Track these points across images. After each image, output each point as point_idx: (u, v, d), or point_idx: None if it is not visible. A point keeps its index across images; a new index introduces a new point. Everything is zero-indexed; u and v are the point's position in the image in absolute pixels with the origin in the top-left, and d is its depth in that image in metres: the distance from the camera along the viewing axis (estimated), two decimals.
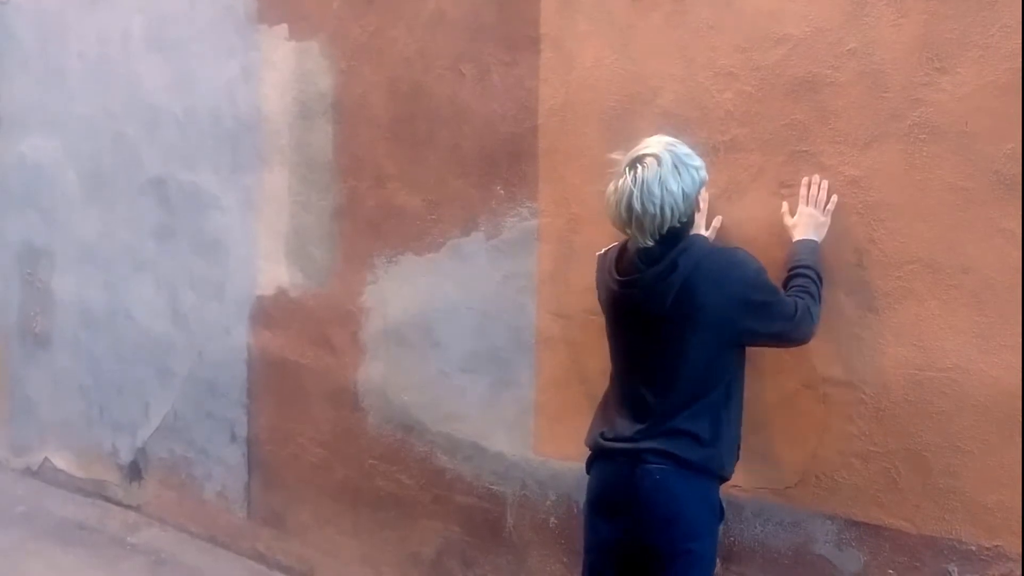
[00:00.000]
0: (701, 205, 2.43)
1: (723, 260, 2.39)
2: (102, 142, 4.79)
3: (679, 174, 2.31)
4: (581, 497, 3.11)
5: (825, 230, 2.58)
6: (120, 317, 4.80)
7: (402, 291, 3.63)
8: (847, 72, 2.58)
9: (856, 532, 2.63)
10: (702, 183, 2.40)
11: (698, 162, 2.38)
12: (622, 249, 2.53)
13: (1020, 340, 2.36)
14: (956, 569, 2.48)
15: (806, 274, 2.47)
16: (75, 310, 5.05)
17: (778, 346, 2.54)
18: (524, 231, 3.27)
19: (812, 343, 2.63)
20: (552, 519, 3.27)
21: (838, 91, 2.60)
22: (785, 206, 2.67)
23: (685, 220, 2.37)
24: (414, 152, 3.55)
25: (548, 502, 3.27)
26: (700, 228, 2.49)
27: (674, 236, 2.36)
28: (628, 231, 2.38)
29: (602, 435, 2.54)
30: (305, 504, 4.06)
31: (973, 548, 2.45)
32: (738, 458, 2.54)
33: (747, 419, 2.76)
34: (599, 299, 2.64)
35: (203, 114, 4.31)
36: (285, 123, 3.97)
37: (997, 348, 2.38)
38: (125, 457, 4.87)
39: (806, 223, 2.58)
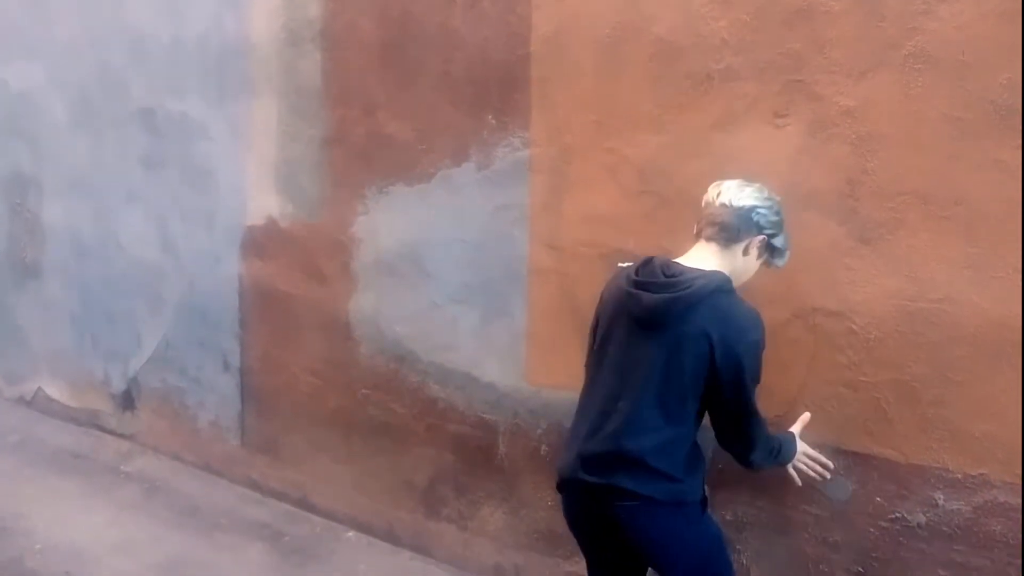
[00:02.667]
0: (751, 251, 2.42)
1: (740, 309, 2.36)
2: (87, 69, 4.72)
3: (771, 213, 2.40)
4: None
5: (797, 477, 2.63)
6: (110, 246, 4.78)
7: (393, 222, 3.61)
8: (843, 0, 2.54)
9: (845, 461, 2.67)
10: (764, 236, 2.41)
11: (774, 228, 2.43)
12: (646, 261, 2.49)
13: (1011, 271, 2.36)
14: (942, 497, 2.52)
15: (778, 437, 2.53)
16: (65, 239, 5.02)
17: (719, 425, 2.44)
18: (516, 161, 3.24)
19: (803, 274, 2.65)
20: (543, 447, 3.31)
21: (833, 20, 2.56)
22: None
23: (739, 232, 2.39)
24: (404, 80, 3.50)
25: (539, 430, 3.31)
26: (741, 275, 2.46)
27: (726, 238, 2.39)
28: (706, 211, 2.42)
29: (569, 462, 2.47)
30: (299, 432, 4.10)
31: (959, 476, 2.49)
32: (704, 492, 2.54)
33: None
34: (600, 306, 2.58)
35: (190, 41, 4.23)
36: (273, 50, 3.91)
37: (988, 280, 2.39)
38: (118, 386, 4.90)
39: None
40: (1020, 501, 2.41)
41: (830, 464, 2.61)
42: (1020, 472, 2.40)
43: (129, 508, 4.16)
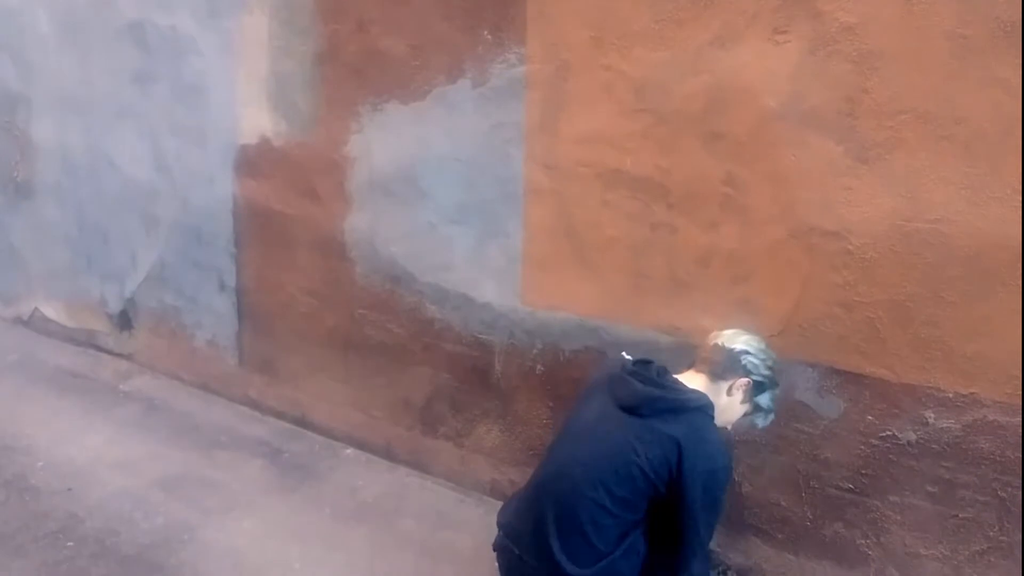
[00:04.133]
0: (735, 392, 2.53)
1: (716, 434, 2.43)
2: None
3: (760, 364, 2.54)
4: (567, 345, 3.18)
5: None
6: (102, 165, 4.74)
7: (387, 140, 3.57)
8: None
9: (837, 380, 2.69)
10: (750, 380, 2.53)
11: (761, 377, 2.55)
12: (646, 361, 2.58)
13: (1010, 192, 2.34)
14: (933, 416, 2.55)
15: None
16: (56, 158, 4.97)
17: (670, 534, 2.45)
18: (512, 78, 3.19)
19: (800, 194, 2.63)
20: (539, 366, 3.33)
21: None
22: None
23: (725, 370, 2.52)
24: None
25: (535, 350, 3.32)
26: (722, 412, 2.53)
27: (712, 373, 2.52)
28: (700, 350, 2.61)
29: (508, 525, 2.60)
30: (296, 352, 4.12)
31: (950, 395, 2.52)
32: None
33: (732, 269, 2.80)
34: (587, 386, 2.66)
35: None
36: None
37: (986, 200, 2.38)
38: (114, 306, 4.90)
39: None
40: (1009, 419, 2.45)
41: None
42: (1010, 391, 2.43)
43: (129, 426, 4.20)
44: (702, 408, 2.43)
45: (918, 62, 2.42)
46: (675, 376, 2.53)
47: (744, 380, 2.52)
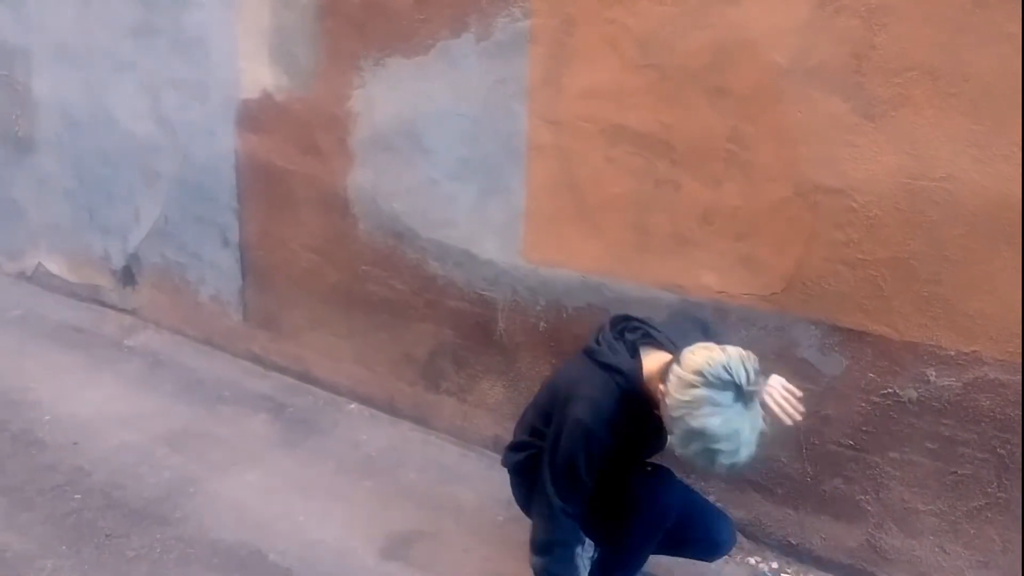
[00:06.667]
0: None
1: (589, 390, 2.38)
2: None
3: (681, 384, 2.15)
4: (570, 302, 3.18)
5: None
6: (103, 119, 4.71)
7: (390, 95, 3.54)
8: None
9: (839, 337, 2.70)
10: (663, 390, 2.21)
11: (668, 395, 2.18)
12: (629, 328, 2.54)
13: (1015, 149, 2.33)
14: (934, 373, 2.56)
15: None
16: (57, 112, 4.94)
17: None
18: (516, 32, 3.16)
19: (804, 150, 2.62)
20: (542, 323, 3.33)
21: None
22: None
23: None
24: None
25: (538, 307, 3.33)
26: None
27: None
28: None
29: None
30: (299, 308, 4.13)
31: (952, 353, 2.52)
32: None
33: (736, 226, 2.79)
34: None
35: None
36: None
37: (991, 158, 2.36)
38: (117, 262, 4.90)
39: None
40: (1009, 377, 2.46)
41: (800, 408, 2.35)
42: (1011, 349, 2.44)
43: (133, 381, 4.23)
44: (611, 368, 2.38)
45: (927, 17, 2.39)
46: (645, 346, 2.42)
47: (662, 387, 2.21)
